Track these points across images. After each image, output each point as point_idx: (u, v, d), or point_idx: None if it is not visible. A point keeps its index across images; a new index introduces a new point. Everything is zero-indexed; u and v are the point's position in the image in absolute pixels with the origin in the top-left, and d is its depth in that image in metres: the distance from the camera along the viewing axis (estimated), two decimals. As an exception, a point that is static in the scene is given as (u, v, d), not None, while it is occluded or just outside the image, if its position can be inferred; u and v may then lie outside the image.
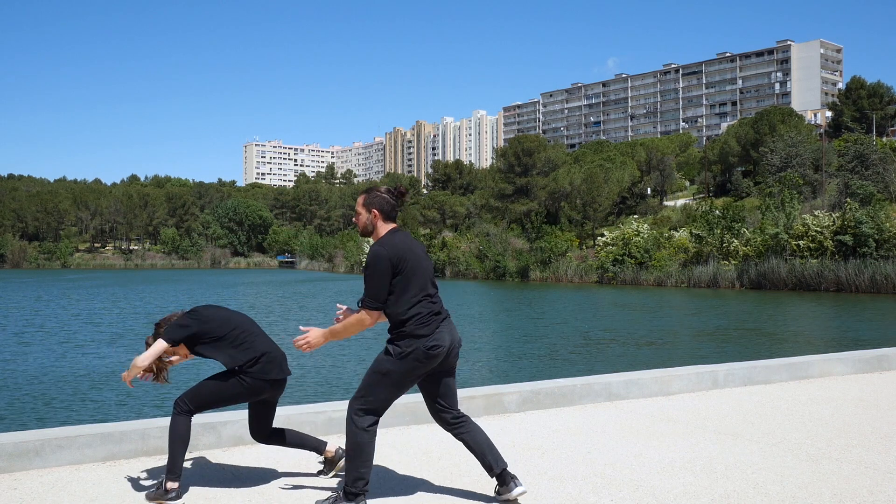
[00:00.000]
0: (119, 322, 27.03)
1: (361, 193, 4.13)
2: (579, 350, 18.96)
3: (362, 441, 3.87)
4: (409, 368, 3.88)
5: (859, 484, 4.39)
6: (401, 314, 3.89)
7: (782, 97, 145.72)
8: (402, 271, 3.90)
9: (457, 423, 4.09)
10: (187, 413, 4.21)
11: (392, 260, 3.87)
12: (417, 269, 3.96)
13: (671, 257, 54.00)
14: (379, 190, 4.10)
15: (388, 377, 3.89)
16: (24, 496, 4.14)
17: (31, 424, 10.42)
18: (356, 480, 3.87)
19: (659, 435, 5.57)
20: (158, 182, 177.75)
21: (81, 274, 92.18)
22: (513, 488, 4.01)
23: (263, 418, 4.48)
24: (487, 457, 4.05)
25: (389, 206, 4.06)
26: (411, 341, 3.87)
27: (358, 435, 3.88)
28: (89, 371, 15.52)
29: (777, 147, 71.87)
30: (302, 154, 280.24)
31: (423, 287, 3.97)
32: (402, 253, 3.90)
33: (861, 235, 43.28)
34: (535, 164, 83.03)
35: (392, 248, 3.90)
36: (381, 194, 4.07)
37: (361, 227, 4.10)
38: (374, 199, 4.05)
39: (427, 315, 3.91)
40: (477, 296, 43.85)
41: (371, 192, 4.10)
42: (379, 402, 3.92)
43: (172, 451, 4.13)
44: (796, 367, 7.97)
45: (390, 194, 4.08)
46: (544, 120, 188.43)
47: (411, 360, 3.87)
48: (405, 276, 3.91)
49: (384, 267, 3.86)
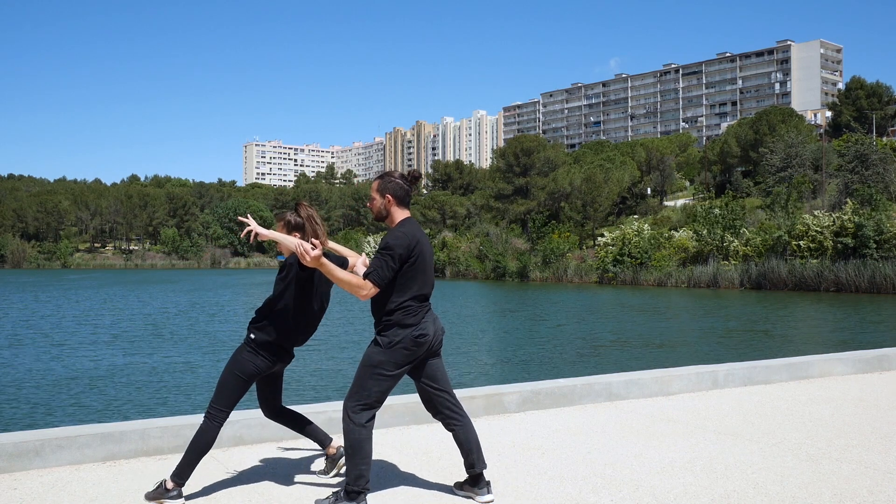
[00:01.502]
0: (119, 322, 27.03)
1: (376, 179, 4.15)
2: (579, 350, 18.96)
3: (360, 438, 3.89)
4: (399, 357, 3.93)
5: (859, 484, 4.39)
6: (393, 303, 3.93)
7: (782, 97, 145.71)
8: (413, 264, 3.96)
9: (452, 413, 4.13)
10: (217, 420, 4.17)
11: (410, 250, 3.93)
12: (424, 266, 4.03)
13: (671, 257, 54.00)
14: (393, 175, 4.12)
15: (378, 368, 3.92)
16: (24, 496, 4.14)
17: (31, 424, 10.42)
18: (357, 478, 3.88)
19: (659, 435, 5.57)
20: (158, 182, 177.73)
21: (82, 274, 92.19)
22: (482, 494, 4.08)
23: (271, 391, 4.49)
24: (473, 455, 4.11)
25: (403, 191, 4.09)
26: (398, 330, 3.93)
27: (355, 432, 3.89)
28: (89, 371, 15.52)
29: (777, 147, 71.86)
30: (302, 154, 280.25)
31: (424, 283, 4.03)
32: (418, 246, 3.97)
33: (861, 236, 43.31)
34: (533, 164, 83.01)
35: (412, 238, 3.96)
36: (395, 179, 4.09)
37: (375, 211, 4.12)
38: (389, 184, 4.08)
39: (415, 306, 3.97)
40: (477, 295, 43.84)
41: (385, 177, 4.12)
42: (373, 396, 3.94)
43: (188, 456, 4.11)
44: (796, 367, 7.97)
45: (404, 180, 4.10)
46: (544, 120, 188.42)
47: (400, 348, 3.92)
48: (414, 269, 3.96)
49: (402, 254, 3.91)
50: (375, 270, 3.88)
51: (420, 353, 4.00)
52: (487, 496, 4.07)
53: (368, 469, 3.91)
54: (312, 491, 4.29)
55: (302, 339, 4.32)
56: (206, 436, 4.13)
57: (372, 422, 3.95)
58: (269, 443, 5.31)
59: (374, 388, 3.93)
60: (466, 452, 4.11)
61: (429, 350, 4.04)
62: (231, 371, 4.19)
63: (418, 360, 4.04)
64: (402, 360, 3.94)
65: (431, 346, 4.04)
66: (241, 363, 4.19)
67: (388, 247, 3.91)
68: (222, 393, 4.18)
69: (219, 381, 4.24)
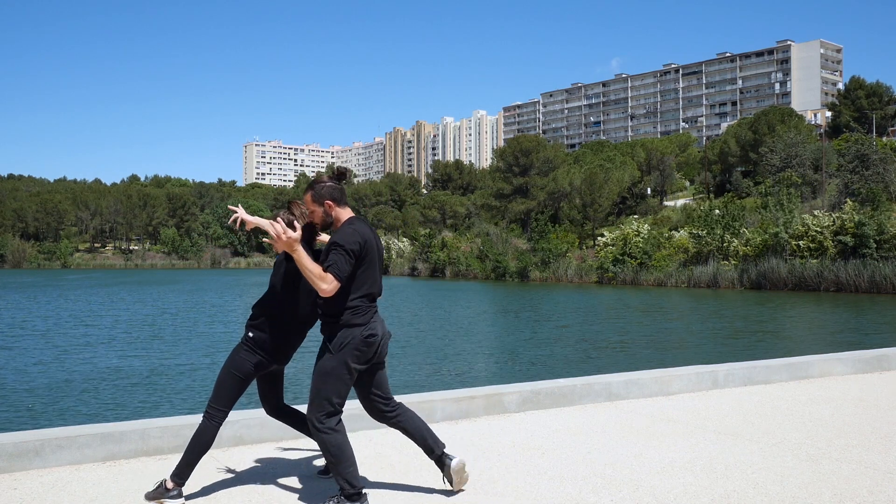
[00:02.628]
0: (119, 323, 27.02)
1: (306, 191, 4.08)
2: (579, 350, 18.96)
3: (338, 441, 3.89)
4: (350, 358, 3.90)
5: (859, 484, 4.39)
6: (342, 303, 3.89)
7: (782, 97, 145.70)
8: (364, 261, 3.92)
9: (393, 413, 4.17)
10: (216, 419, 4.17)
11: (362, 246, 3.88)
12: (374, 264, 4.00)
13: (671, 257, 53.99)
14: (321, 181, 4.06)
15: (333, 373, 3.89)
16: (24, 496, 4.14)
17: (31, 424, 10.42)
18: (350, 481, 3.88)
19: (659, 435, 5.57)
20: (158, 182, 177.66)
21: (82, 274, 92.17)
22: (451, 463, 4.10)
23: (272, 390, 4.50)
24: (428, 440, 4.14)
25: (338, 191, 4.04)
26: (347, 331, 3.90)
27: (331, 437, 3.88)
28: (89, 371, 15.51)
29: (777, 147, 71.85)
30: (302, 154, 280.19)
31: (374, 282, 4.00)
32: (368, 243, 3.93)
33: (861, 236, 43.29)
34: (533, 163, 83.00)
35: (363, 235, 3.91)
36: (325, 184, 4.04)
37: (319, 221, 4.07)
38: (322, 190, 4.03)
39: (364, 307, 3.94)
40: (477, 295, 43.83)
41: (314, 185, 4.06)
42: (334, 401, 3.91)
43: (187, 456, 4.11)
44: (796, 367, 7.97)
45: (333, 180, 4.07)
46: (544, 120, 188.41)
47: (350, 349, 3.89)
48: (364, 267, 3.93)
49: (355, 249, 3.86)
50: (335, 264, 3.81)
51: (370, 354, 3.96)
52: (455, 460, 4.12)
53: (356, 468, 3.92)
54: (312, 491, 4.29)
55: (297, 337, 4.29)
56: (204, 435, 4.13)
57: (341, 423, 3.94)
58: (269, 443, 5.30)
59: (333, 395, 3.90)
60: (421, 440, 4.14)
61: (378, 352, 4.01)
62: (229, 370, 4.19)
63: (370, 362, 4.01)
64: (353, 362, 3.91)
65: (380, 348, 4.01)
66: (238, 362, 4.19)
67: (340, 243, 3.84)
68: (220, 392, 4.18)
69: (217, 380, 4.24)
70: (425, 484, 4.40)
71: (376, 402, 4.15)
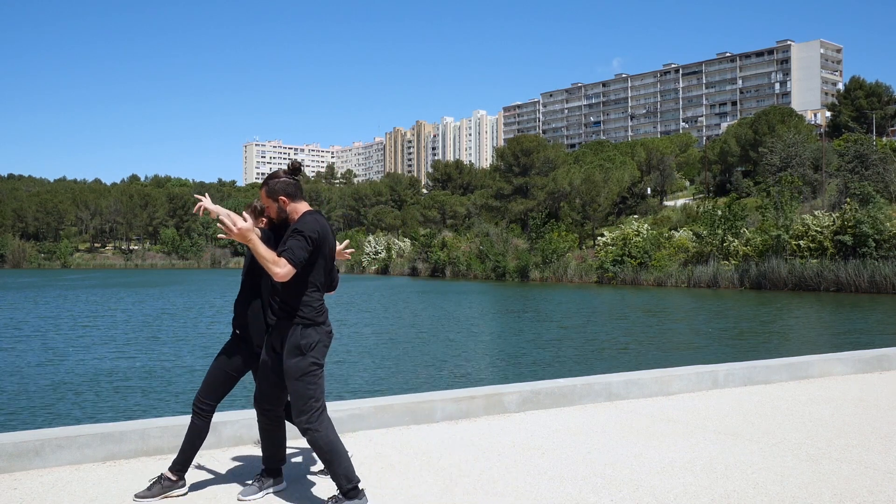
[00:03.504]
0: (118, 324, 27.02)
1: (261, 188, 4.09)
2: (579, 350, 18.96)
3: (329, 439, 3.90)
4: (320, 355, 3.96)
5: (859, 484, 4.39)
6: (297, 297, 3.91)
7: (782, 97, 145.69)
8: (321, 254, 3.94)
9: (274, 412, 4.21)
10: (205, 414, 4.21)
11: (321, 235, 3.90)
12: (329, 258, 4.03)
13: (671, 257, 53.99)
14: (276, 176, 4.06)
15: (307, 375, 3.91)
16: (24, 496, 4.14)
17: (31, 424, 10.42)
18: (347, 478, 3.89)
19: (659, 435, 5.57)
20: (158, 182, 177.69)
21: (82, 274, 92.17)
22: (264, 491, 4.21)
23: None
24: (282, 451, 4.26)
25: (293, 186, 4.05)
26: (314, 331, 3.93)
27: (322, 437, 3.90)
28: (89, 371, 15.51)
29: (777, 147, 71.84)
30: (302, 154, 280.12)
31: (326, 275, 4.03)
32: (326, 236, 3.95)
33: (861, 235, 43.28)
34: (533, 163, 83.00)
35: (321, 226, 3.93)
36: (280, 179, 4.04)
37: (276, 216, 4.07)
38: (276, 185, 4.02)
39: (320, 305, 3.98)
40: (478, 296, 43.83)
41: (269, 181, 4.05)
42: (318, 400, 3.95)
43: (183, 453, 4.18)
44: (796, 367, 7.97)
45: (288, 175, 4.07)
46: (544, 120, 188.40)
47: (321, 346, 3.95)
48: (321, 259, 3.95)
49: (314, 237, 3.86)
50: (290, 249, 3.79)
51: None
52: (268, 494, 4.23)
53: (350, 464, 3.93)
54: (312, 491, 4.29)
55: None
56: (196, 430, 4.19)
57: (329, 420, 3.97)
58: (269, 443, 5.30)
59: (313, 394, 3.92)
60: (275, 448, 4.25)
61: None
62: (218, 365, 4.23)
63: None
64: (321, 356, 3.97)
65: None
66: (227, 358, 4.23)
67: (299, 230, 3.84)
68: (209, 387, 4.22)
69: (206, 375, 4.28)
70: (425, 484, 4.40)
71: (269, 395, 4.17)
